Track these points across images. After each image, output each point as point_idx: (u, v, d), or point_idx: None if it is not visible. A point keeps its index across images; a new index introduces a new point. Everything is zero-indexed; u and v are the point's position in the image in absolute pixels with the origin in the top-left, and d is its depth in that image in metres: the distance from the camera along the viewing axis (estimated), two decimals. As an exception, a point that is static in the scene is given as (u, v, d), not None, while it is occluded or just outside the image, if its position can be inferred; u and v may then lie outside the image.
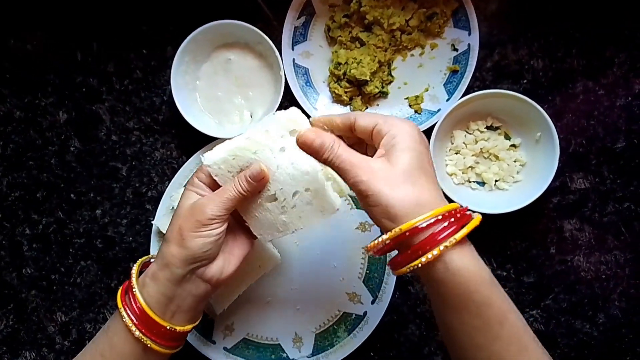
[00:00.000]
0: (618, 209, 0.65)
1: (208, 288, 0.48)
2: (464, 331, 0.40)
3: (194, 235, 0.45)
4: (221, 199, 0.46)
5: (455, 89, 0.65)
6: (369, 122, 0.43)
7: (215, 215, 0.46)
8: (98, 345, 0.48)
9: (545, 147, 0.61)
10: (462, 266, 0.39)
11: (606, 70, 0.66)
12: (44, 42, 0.71)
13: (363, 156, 0.42)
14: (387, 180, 0.40)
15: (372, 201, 0.40)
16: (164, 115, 0.69)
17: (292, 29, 0.68)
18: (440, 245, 0.38)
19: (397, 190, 0.39)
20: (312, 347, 0.63)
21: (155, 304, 0.46)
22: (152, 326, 0.46)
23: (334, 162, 0.43)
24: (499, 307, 0.40)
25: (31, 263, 0.68)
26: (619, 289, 0.64)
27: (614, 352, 0.63)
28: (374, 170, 0.40)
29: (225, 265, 0.49)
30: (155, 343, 0.46)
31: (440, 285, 0.40)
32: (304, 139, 0.44)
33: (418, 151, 0.41)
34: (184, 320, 0.48)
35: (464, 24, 0.65)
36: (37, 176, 0.69)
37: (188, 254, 0.46)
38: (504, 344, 0.39)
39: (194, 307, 0.48)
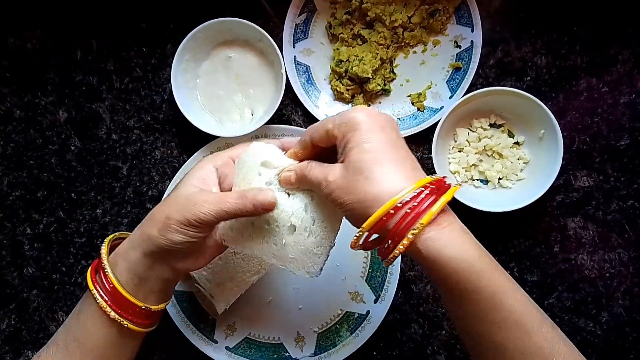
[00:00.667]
0: (622, 206, 0.64)
1: (175, 276, 0.48)
2: (463, 318, 0.39)
3: (178, 229, 0.43)
4: (217, 208, 0.43)
5: (458, 86, 0.65)
6: (322, 131, 0.42)
7: (206, 221, 0.43)
8: (70, 330, 0.47)
9: (549, 144, 0.61)
10: (440, 253, 0.36)
11: (610, 68, 0.65)
12: (44, 41, 0.70)
13: (323, 169, 0.42)
14: (344, 188, 0.39)
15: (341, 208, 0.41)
16: (164, 113, 0.69)
17: (293, 26, 0.67)
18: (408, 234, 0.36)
19: (354, 194, 0.39)
20: (314, 346, 0.63)
21: (126, 284, 0.45)
22: (127, 306, 0.45)
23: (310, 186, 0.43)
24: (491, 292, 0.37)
25: (32, 263, 0.68)
26: (622, 287, 0.64)
27: (618, 351, 0.63)
28: (331, 182, 0.40)
29: (194, 262, 0.48)
30: (132, 322, 0.45)
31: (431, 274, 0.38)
32: (284, 179, 0.45)
33: (366, 141, 0.39)
34: (156, 301, 0.47)
35: (466, 20, 0.65)
36: (37, 175, 0.69)
37: (165, 244, 0.44)
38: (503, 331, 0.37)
39: (163, 289, 0.48)
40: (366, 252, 0.64)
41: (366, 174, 0.38)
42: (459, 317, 0.40)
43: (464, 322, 0.39)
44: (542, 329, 0.37)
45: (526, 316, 0.37)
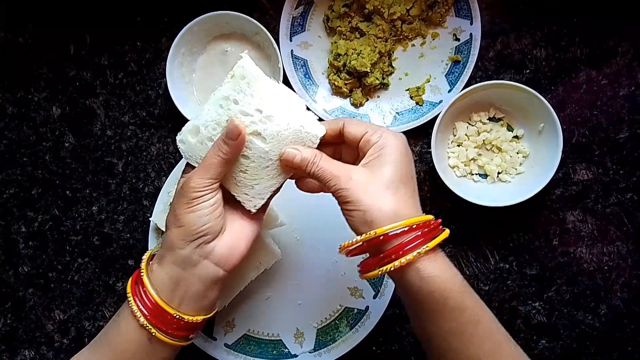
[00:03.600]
0: (621, 199, 0.64)
1: (218, 272, 0.45)
2: (440, 335, 0.42)
3: (186, 211, 0.44)
4: (203, 168, 0.44)
5: (457, 80, 0.64)
6: (359, 130, 0.45)
7: (201, 186, 0.43)
8: (107, 331, 0.47)
9: (548, 138, 0.61)
10: (434, 273, 0.41)
11: (609, 60, 0.65)
12: (36, 35, 0.69)
13: (344, 166, 0.44)
14: (367, 190, 0.42)
15: (351, 207, 0.42)
16: (160, 108, 0.68)
17: (290, 19, 0.66)
18: (414, 252, 0.41)
19: (377, 199, 0.42)
20: (313, 342, 0.63)
21: (162, 288, 0.44)
22: (158, 313, 0.44)
23: (317, 174, 0.44)
24: (472, 310, 0.42)
25: (27, 261, 0.67)
26: (621, 279, 0.64)
27: (616, 343, 0.63)
28: (355, 180, 0.43)
29: (233, 245, 0.46)
30: (161, 332, 0.44)
31: (415, 291, 0.42)
32: (286, 157, 0.45)
33: (402, 163, 0.43)
34: (193, 309, 0.45)
35: (465, 12, 0.64)
36: (31, 173, 0.68)
37: (185, 231, 0.44)
38: (479, 345, 0.42)
39: (202, 293, 0.45)
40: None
41: (393, 189, 0.42)
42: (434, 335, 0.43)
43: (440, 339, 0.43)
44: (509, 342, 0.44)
45: (499, 331, 0.43)
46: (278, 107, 0.44)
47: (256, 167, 0.46)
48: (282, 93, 0.45)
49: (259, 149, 0.45)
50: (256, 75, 0.44)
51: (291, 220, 0.64)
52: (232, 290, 0.59)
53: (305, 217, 0.64)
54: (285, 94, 0.46)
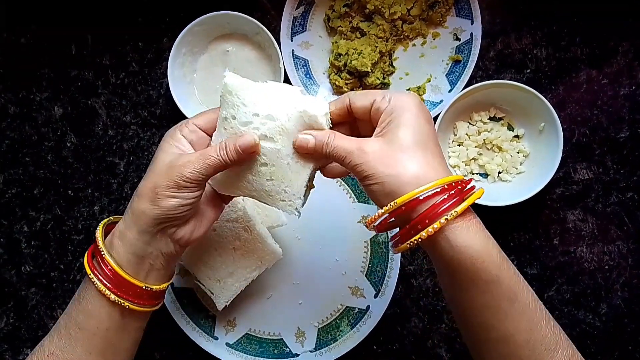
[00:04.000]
0: (621, 199, 0.64)
1: (177, 248, 0.46)
2: (474, 309, 0.39)
3: (169, 195, 0.42)
4: (202, 163, 0.42)
5: (457, 79, 0.64)
6: (365, 101, 0.42)
7: (194, 179, 0.42)
8: (71, 316, 0.45)
9: (549, 137, 0.61)
10: (468, 242, 0.38)
11: (610, 59, 0.65)
12: (38, 36, 0.69)
13: (357, 140, 0.41)
14: (382, 159, 0.39)
15: (370, 182, 0.40)
16: (162, 108, 0.68)
17: (291, 19, 0.66)
18: (441, 218, 0.37)
19: (393, 168, 0.39)
20: (315, 341, 0.63)
21: (126, 265, 0.44)
22: (127, 287, 0.44)
23: (331, 154, 0.42)
24: (508, 284, 0.38)
25: (30, 260, 0.68)
26: (621, 279, 0.64)
27: (617, 342, 0.63)
28: (368, 152, 0.40)
29: (195, 227, 0.46)
30: (134, 303, 0.44)
31: (447, 262, 0.39)
32: (299, 145, 0.43)
33: (417, 124, 0.40)
34: (157, 279, 0.46)
35: (466, 12, 0.64)
36: (33, 172, 0.68)
37: (160, 213, 0.42)
38: (515, 321, 0.38)
39: (165, 265, 0.46)
40: (366, 247, 0.64)
41: (410, 154, 0.39)
42: (468, 308, 0.40)
43: (473, 313, 0.40)
44: (548, 322, 0.39)
45: (535, 310, 0.39)
46: (273, 104, 0.43)
47: (279, 170, 0.45)
48: (273, 90, 0.44)
49: (273, 151, 0.44)
50: (241, 85, 0.44)
51: (292, 220, 0.64)
52: (233, 290, 0.60)
53: (307, 217, 0.64)
54: (276, 89, 0.44)
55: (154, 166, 0.44)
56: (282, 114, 0.43)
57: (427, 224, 0.38)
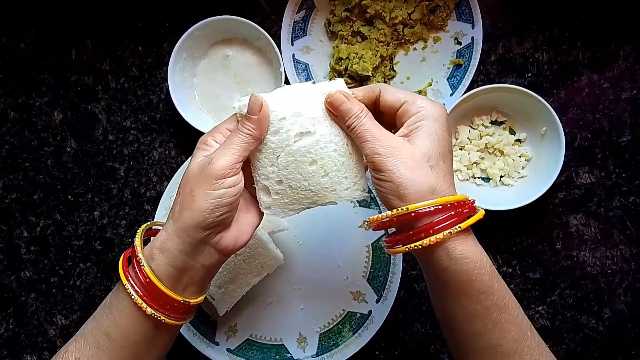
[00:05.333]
0: (624, 203, 0.64)
1: (220, 259, 0.44)
2: (463, 317, 0.41)
3: (207, 193, 0.41)
4: (230, 148, 0.42)
5: (459, 83, 0.64)
6: (397, 98, 0.43)
7: (227, 166, 0.41)
8: (101, 324, 0.44)
9: (551, 141, 0.61)
10: (465, 254, 0.40)
11: (611, 63, 0.65)
12: (38, 41, 0.69)
13: (387, 132, 0.42)
14: (405, 161, 0.40)
15: (385, 177, 0.40)
16: (162, 113, 0.68)
17: (292, 24, 0.66)
18: (445, 231, 0.39)
19: (413, 172, 0.40)
20: (316, 347, 0.63)
21: (166, 278, 0.42)
22: (165, 301, 0.42)
23: (357, 130, 0.42)
24: (498, 295, 0.40)
25: (30, 266, 0.67)
26: (624, 283, 0.64)
27: (620, 347, 0.63)
28: (394, 147, 0.40)
29: (239, 234, 0.44)
30: (169, 317, 0.43)
31: (442, 271, 0.40)
32: (333, 100, 0.43)
33: (442, 137, 0.41)
34: (195, 293, 0.45)
35: (467, 16, 0.64)
36: (33, 178, 0.68)
37: (200, 218, 0.41)
38: (503, 331, 0.40)
39: (205, 278, 0.45)
40: (368, 252, 0.63)
41: (432, 164, 0.41)
42: (458, 316, 0.41)
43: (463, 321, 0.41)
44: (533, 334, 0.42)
45: (522, 321, 0.41)
46: (293, 102, 0.43)
47: (329, 161, 0.43)
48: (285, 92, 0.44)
49: (316, 144, 0.43)
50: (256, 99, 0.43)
51: (294, 225, 0.63)
52: (234, 296, 0.59)
53: (308, 222, 0.64)
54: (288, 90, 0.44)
55: (186, 174, 0.43)
56: (307, 106, 0.43)
57: (430, 233, 0.39)
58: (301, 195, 0.44)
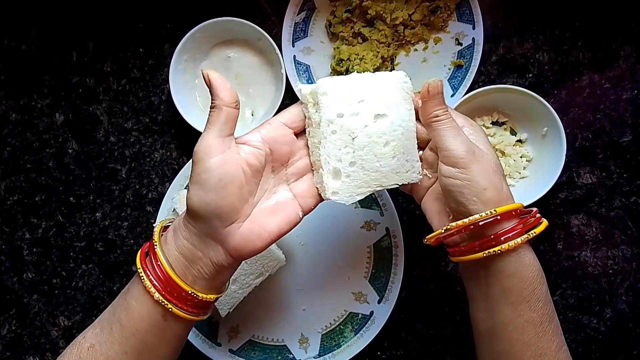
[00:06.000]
0: (625, 203, 0.64)
1: (229, 260, 0.42)
2: (517, 325, 0.41)
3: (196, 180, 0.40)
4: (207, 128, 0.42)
5: (460, 84, 0.64)
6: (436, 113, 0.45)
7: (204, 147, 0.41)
8: (116, 310, 0.44)
9: (552, 142, 0.61)
10: (532, 262, 0.42)
11: (612, 63, 0.65)
12: (39, 42, 0.69)
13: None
14: (485, 166, 0.42)
15: (468, 181, 0.41)
16: (163, 115, 0.68)
17: (292, 25, 0.66)
18: (523, 236, 0.41)
19: (493, 179, 0.42)
20: (318, 347, 0.63)
21: (175, 264, 0.42)
22: (173, 288, 0.41)
23: (446, 123, 0.44)
24: (550, 305, 0.43)
25: (32, 267, 0.67)
26: (626, 283, 0.64)
27: (622, 347, 0.63)
28: (474, 152, 0.42)
29: (250, 237, 0.42)
30: (177, 307, 0.42)
31: (508, 277, 0.41)
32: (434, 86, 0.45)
33: (494, 153, 0.44)
34: (205, 288, 0.43)
35: (468, 17, 0.64)
36: (35, 179, 0.68)
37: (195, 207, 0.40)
38: (549, 341, 0.41)
39: (214, 276, 0.43)
40: (369, 252, 0.63)
41: (501, 175, 0.43)
42: (511, 325, 0.42)
43: (514, 329, 0.42)
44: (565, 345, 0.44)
45: (561, 331, 0.44)
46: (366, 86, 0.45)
47: (399, 143, 0.45)
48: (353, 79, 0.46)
49: (390, 126, 0.45)
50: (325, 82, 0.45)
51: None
52: (236, 297, 0.59)
53: (309, 222, 0.64)
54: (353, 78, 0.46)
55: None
56: (381, 90, 0.45)
57: (510, 238, 0.41)
58: (371, 177, 0.45)
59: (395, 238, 0.63)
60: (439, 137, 0.43)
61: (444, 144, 0.43)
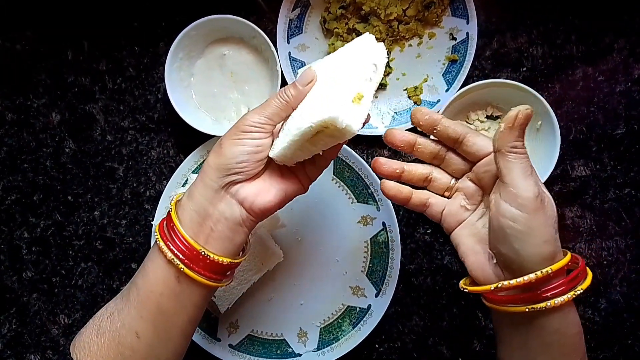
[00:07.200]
0: (619, 195, 0.65)
1: (243, 213, 0.43)
2: None
3: (232, 142, 0.42)
4: (261, 108, 0.43)
5: (454, 79, 0.65)
6: (488, 145, 0.43)
7: (256, 122, 0.42)
8: (135, 277, 0.45)
9: (546, 135, 0.61)
10: (576, 319, 0.40)
11: (605, 56, 0.65)
12: (34, 42, 0.69)
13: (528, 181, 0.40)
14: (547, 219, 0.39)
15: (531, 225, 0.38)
16: (159, 113, 0.68)
17: (287, 22, 0.66)
18: (568, 293, 0.38)
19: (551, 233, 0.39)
20: (317, 341, 0.64)
21: (189, 223, 0.42)
22: (185, 248, 0.42)
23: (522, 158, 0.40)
24: (585, 358, 0.42)
25: (31, 266, 0.68)
26: (620, 274, 0.64)
27: (616, 337, 0.64)
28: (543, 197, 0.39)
29: (262, 190, 0.43)
30: (188, 267, 0.41)
31: (551, 333, 0.40)
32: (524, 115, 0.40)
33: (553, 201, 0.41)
34: (218, 250, 0.43)
35: (462, 12, 0.64)
36: (32, 179, 0.68)
37: (222, 161, 0.42)
38: None
39: (227, 234, 0.43)
40: (366, 247, 0.64)
41: (556, 233, 0.40)
42: None
43: None
44: None
45: None
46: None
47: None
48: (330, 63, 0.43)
49: None
50: None
51: (292, 222, 0.64)
52: (235, 293, 0.60)
53: (306, 218, 0.65)
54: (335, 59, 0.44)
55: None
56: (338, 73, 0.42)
57: (555, 295, 0.38)
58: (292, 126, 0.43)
59: (391, 232, 0.63)
60: (509, 172, 0.39)
61: (514, 181, 0.39)
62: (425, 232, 0.66)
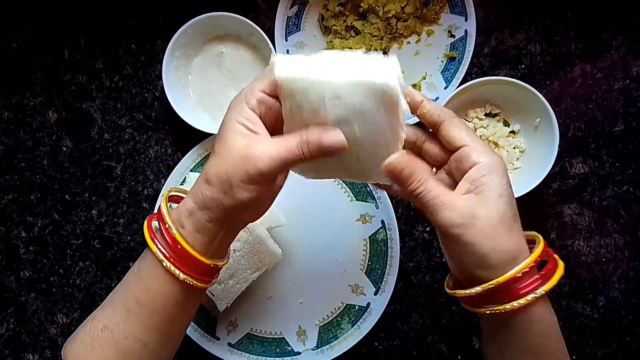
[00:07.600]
0: (617, 192, 0.65)
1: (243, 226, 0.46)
2: None
3: (244, 188, 0.39)
4: (280, 158, 0.38)
5: (453, 76, 0.65)
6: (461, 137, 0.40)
7: (270, 173, 0.38)
8: (130, 292, 0.44)
9: (545, 132, 0.61)
10: (542, 317, 0.40)
11: (604, 54, 0.65)
12: (30, 40, 0.69)
13: (454, 194, 0.39)
14: (484, 230, 0.37)
15: (466, 250, 0.38)
16: (157, 111, 0.68)
17: (285, 19, 0.66)
18: (529, 295, 0.38)
19: (494, 242, 0.38)
20: (316, 339, 0.64)
21: (193, 243, 0.42)
22: (195, 266, 0.42)
23: (424, 198, 0.39)
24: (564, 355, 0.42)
25: (29, 266, 0.67)
26: (618, 271, 0.64)
27: (615, 334, 0.64)
28: (471, 215, 0.38)
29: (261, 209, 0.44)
30: (200, 281, 0.43)
31: (517, 331, 0.40)
32: (392, 167, 0.39)
33: (511, 195, 0.39)
34: (221, 256, 0.45)
35: (460, 9, 0.64)
36: (29, 178, 0.68)
37: (235, 203, 0.39)
38: None
39: (230, 242, 0.45)
40: (365, 245, 0.64)
41: (509, 228, 0.39)
42: None
43: None
44: None
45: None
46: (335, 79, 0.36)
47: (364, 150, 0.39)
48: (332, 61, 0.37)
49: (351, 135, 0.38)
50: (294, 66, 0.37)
51: (291, 220, 0.64)
52: (234, 292, 0.60)
53: (305, 216, 0.64)
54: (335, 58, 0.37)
55: (223, 149, 0.39)
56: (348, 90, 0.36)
57: (513, 298, 0.38)
58: (329, 168, 0.42)
59: (390, 230, 0.63)
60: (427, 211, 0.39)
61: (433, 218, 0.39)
62: (424, 229, 0.66)
